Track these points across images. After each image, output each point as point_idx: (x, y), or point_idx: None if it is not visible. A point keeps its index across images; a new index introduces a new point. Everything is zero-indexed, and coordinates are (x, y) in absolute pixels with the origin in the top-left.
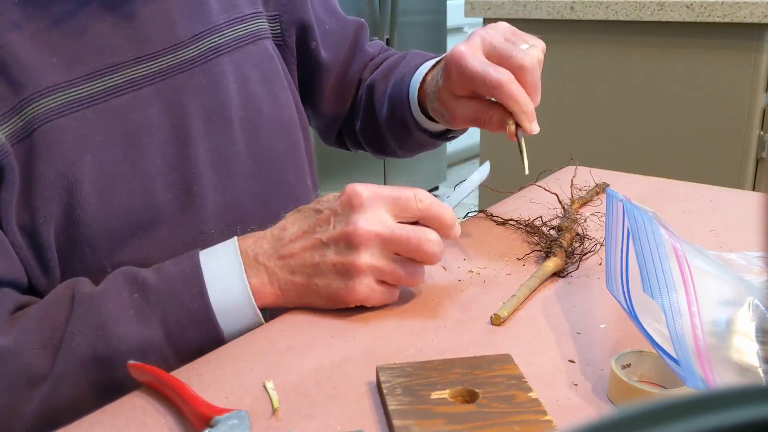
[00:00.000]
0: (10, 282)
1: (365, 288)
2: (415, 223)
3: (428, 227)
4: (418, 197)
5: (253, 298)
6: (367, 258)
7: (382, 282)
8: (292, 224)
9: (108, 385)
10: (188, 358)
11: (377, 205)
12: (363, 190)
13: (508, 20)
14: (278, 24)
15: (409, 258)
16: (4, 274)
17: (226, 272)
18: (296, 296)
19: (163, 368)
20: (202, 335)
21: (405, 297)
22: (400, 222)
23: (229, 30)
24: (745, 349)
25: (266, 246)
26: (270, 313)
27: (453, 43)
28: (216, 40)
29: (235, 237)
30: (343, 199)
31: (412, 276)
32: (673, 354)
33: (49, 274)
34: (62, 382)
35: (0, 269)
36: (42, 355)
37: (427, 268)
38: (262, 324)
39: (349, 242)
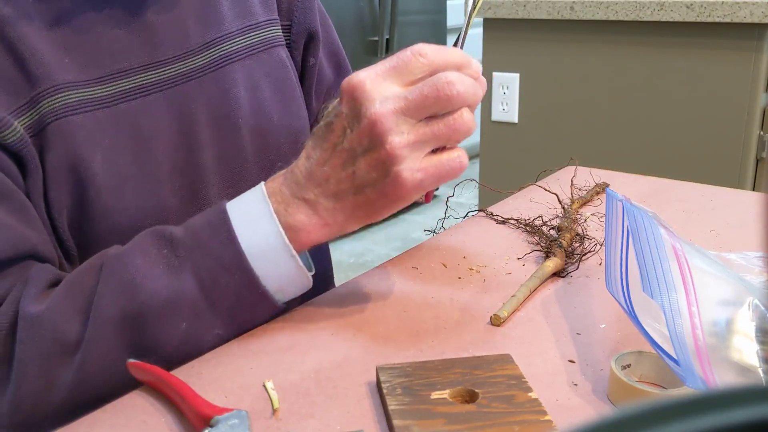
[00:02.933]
0: (47, 257)
1: (413, 172)
2: None
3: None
4: (419, 52)
5: (286, 238)
6: (396, 139)
7: (432, 154)
8: (313, 149)
9: (141, 345)
10: (227, 313)
11: (380, 82)
12: (360, 77)
13: (508, 20)
14: (289, 35)
15: (444, 114)
16: (42, 248)
17: (254, 215)
18: (350, 218)
19: (202, 325)
20: (237, 283)
21: (405, 297)
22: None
23: (241, 37)
24: (745, 349)
25: (300, 179)
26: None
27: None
28: (228, 47)
29: (262, 182)
30: (346, 98)
31: (453, 127)
32: (673, 354)
33: (72, 263)
34: (94, 347)
35: (39, 242)
36: (74, 321)
37: (426, 266)
38: (302, 271)
39: (372, 136)
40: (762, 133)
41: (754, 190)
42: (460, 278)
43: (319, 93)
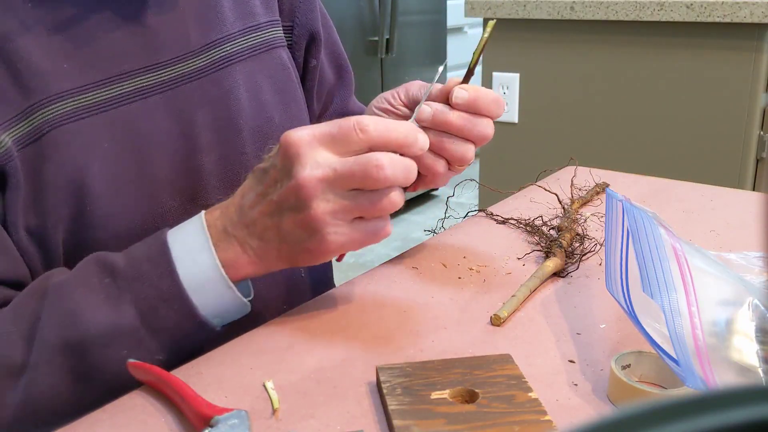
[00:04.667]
0: (10, 281)
1: (337, 236)
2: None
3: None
4: (359, 126)
5: (223, 270)
6: (322, 206)
7: (357, 221)
8: (249, 189)
9: (84, 372)
10: (168, 340)
11: (315, 147)
12: (297, 136)
13: (508, 20)
14: (291, 36)
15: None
16: (4, 273)
17: (193, 247)
18: (276, 260)
19: (142, 353)
20: (176, 314)
21: (405, 297)
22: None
23: (242, 39)
24: (745, 349)
25: (233, 215)
26: (264, 300)
27: (453, 43)
28: (229, 48)
29: (202, 211)
30: (281, 152)
31: (378, 205)
32: (673, 354)
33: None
34: (39, 371)
35: (2, 271)
36: (19, 345)
37: (426, 266)
38: (240, 300)
39: (297, 197)
40: (762, 133)
41: (754, 190)
42: (460, 278)
43: (320, 94)
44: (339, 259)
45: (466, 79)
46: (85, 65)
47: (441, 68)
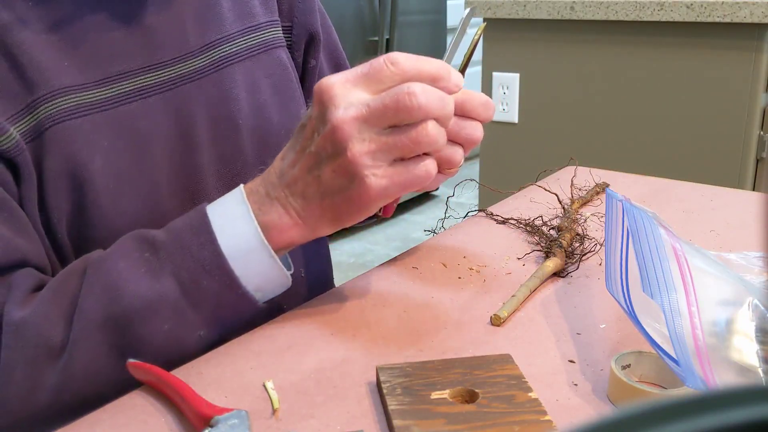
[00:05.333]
0: (37, 265)
1: (378, 179)
2: None
3: None
4: (390, 60)
5: (265, 238)
6: (358, 146)
7: (398, 162)
8: (288, 150)
9: (125, 347)
10: (210, 314)
11: (348, 88)
12: (330, 81)
13: (508, 20)
14: (290, 36)
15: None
16: (33, 256)
17: (234, 216)
18: (320, 220)
19: (185, 327)
20: (217, 284)
21: (405, 297)
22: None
23: (241, 39)
24: (745, 349)
25: (274, 179)
26: (277, 303)
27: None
28: (228, 49)
29: (241, 184)
30: (316, 101)
31: (416, 140)
32: (673, 354)
33: None
34: (79, 348)
35: (29, 251)
36: (59, 325)
37: (426, 266)
38: (282, 271)
39: (334, 142)
40: (762, 133)
41: (754, 190)
42: (460, 278)
43: None
44: (386, 213)
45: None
46: (84, 64)
47: (466, 12)
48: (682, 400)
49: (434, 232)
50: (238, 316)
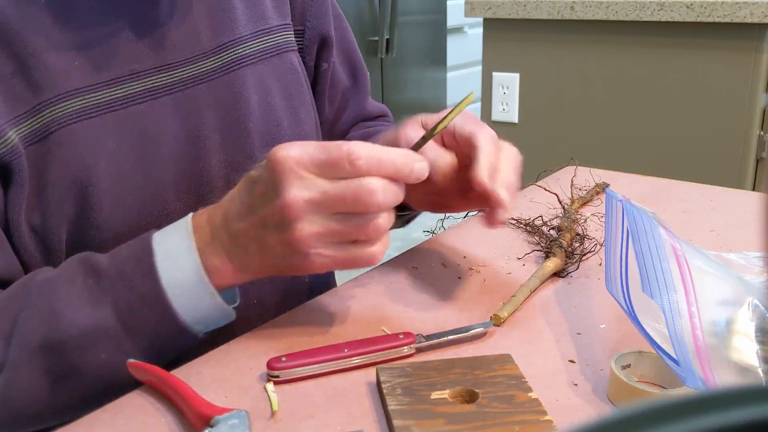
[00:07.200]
0: (9, 280)
1: (322, 258)
2: None
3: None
4: (352, 156)
5: (206, 277)
6: (306, 228)
7: (343, 243)
8: (238, 198)
9: (62, 373)
10: (147, 344)
11: (304, 167)
12: (285, 154)
13: (508, 20)
14: (302, 39)
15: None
16: (5, 273)
17: (178, 251)
18: (260, 271)
19: (121, 356)
20: (156, 317)
21: (405, 297)
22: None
23: (253, 42)
24: (745, 349)
25: (219, 221)
26: (264, 300)
27: (453, 43)
28: (240, 51)
29: (190, 214)
30: (269, 167)
31: (365, 230)
32: (673, 354)
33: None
34: (17, 371)
35: (2, 268)
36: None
37: (426, 266)
38: (224, 307)
39: (282, 217)
40: (762, 133)
41: (754, 190)
42: (460, 278)
43: (332, 98)
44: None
45: (417, 146)
46: (96, 63)
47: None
48: (682, 400)
49: (434, 232)
50: (176, 347)
